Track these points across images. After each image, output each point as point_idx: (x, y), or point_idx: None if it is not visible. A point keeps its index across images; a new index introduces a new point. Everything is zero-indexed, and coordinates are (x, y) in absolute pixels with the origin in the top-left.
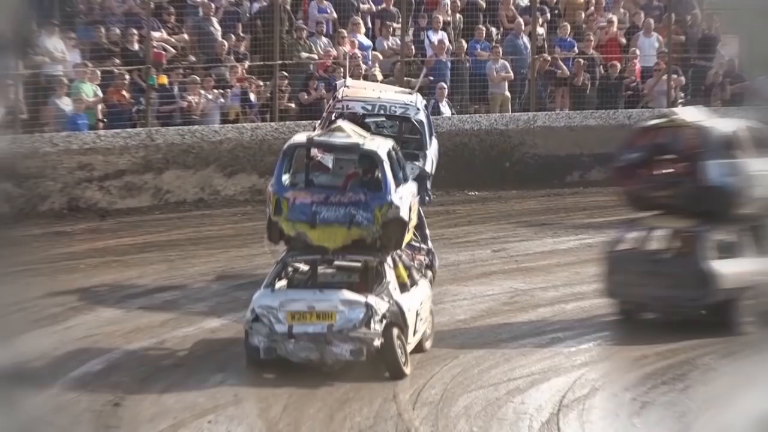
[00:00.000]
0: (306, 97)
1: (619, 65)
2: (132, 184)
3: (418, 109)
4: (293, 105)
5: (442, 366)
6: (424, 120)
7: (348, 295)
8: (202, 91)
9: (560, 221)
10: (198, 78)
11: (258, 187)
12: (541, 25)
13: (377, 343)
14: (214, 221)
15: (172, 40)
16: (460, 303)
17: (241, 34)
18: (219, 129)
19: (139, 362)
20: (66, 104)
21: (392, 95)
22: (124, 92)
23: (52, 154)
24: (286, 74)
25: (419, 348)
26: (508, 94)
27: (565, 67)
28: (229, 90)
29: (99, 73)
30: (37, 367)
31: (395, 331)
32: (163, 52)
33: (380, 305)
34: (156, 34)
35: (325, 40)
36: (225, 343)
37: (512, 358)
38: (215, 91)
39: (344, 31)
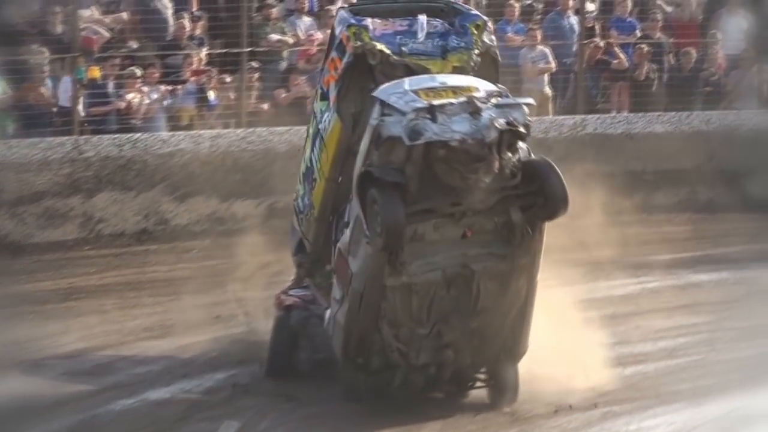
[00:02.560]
0: (283, 95)
1: (695, 53)
2: (54, 211)
3: None
4: (266, 106)
5: None
6: None
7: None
8: (146, 88)
9: (617, 259)
10: (140, 71)
11: (219, 215)
12: (593, 0)
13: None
14: (161, 259)
15: (107, 20)
16: None
17: (197, 13)
18: (168, 138)
19: None
20: None
21: None
22: (42, 89)
23: None
24: (256, 65)
25: None
26: (548, 90)
27: (623, 56)
28: (180, 86)
29: (9, 63)
30: None
31: None
32: (95, 37)
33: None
34: (85, 13)
35: (307, 20)
36: (175, 420)
37: None
38: (163, 87)
39: (333, 8)
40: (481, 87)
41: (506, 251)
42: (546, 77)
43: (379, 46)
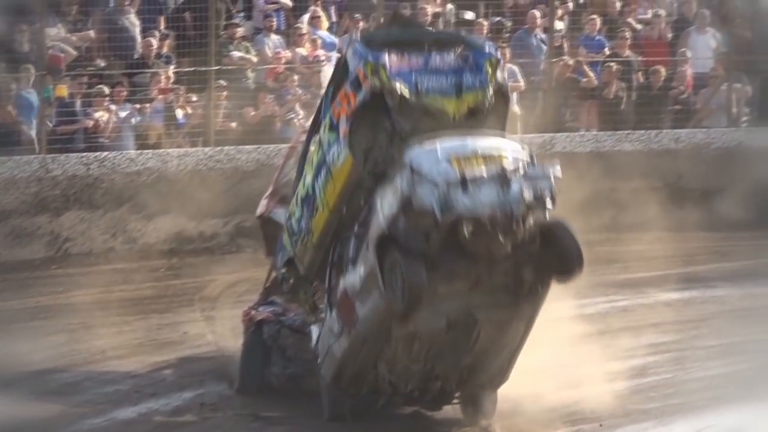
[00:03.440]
0: (252, 113)
1: (663, 71)
2: (20, 230)
3: None
4: (234, 125)
5: None
6: None
7: (500, 136)
8: (113, 106)
9: (586, 277)
10: (107, 89)
11: (187, 233)
12: (561, 18)
13: (554, 183)
14: (128, 278)
15: (74, 38)
16: None
17: (165, 31)
18: (135, 156)
19: None
20: None
21: None
22: (9, 108)
23: None
24: (224, 83)
25: None
26: (517, 108)
27: (592, 74)
28: (148, 105)
29: None
30: None
31: None
32: (62, 55)
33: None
34: (52, 31)
35: (275, 38)
36: None
37: None
38: (130, 105)
39: (303, 26)
40: (510, 153)
41: (511, 302)
42: (515, 95)
43: (398, 86)
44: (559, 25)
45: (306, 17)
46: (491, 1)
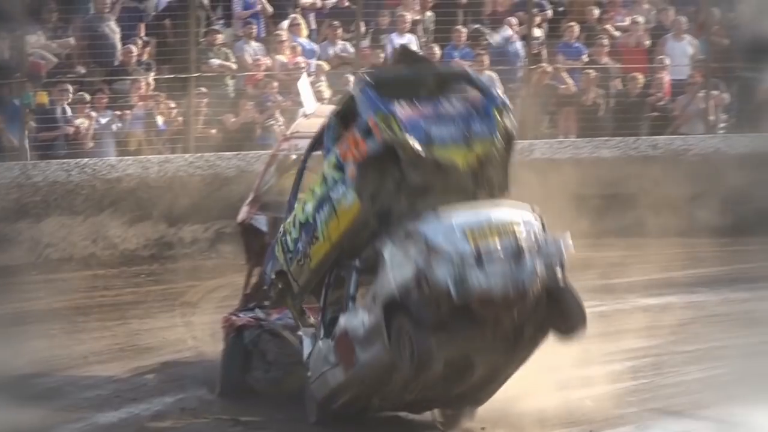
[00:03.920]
0: (232, 120)
1: (641, 78)
2: (1, 236)
3: None
4: (214, 131)
5: None
6: None
7: (512, 203)
8: (94, 113)
9: None
10: (88, 95)
11: (167, 240)
12: (539, 26)
13: (565, 255)
14: (109, 284)
15: (54, 45)
16: None
17: (145, 38)
18: (116, 163)
19: None
20: None
21: None
22: None
23: None
24: (205, 90)
25: None
26: None
27: (570, 81)
28: (129, 111)
29: None
30: None
31: None
32: (42, 62)
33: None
34: (32, 38)
35: (255, 45)
36: None
37: None
38: (111, 112)
39: (283, 33)
40: (522, 223)
41: (509, 349)
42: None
43: (410, 141)
44: (537, 32)
45: (286, 24)
46: (470, 8)
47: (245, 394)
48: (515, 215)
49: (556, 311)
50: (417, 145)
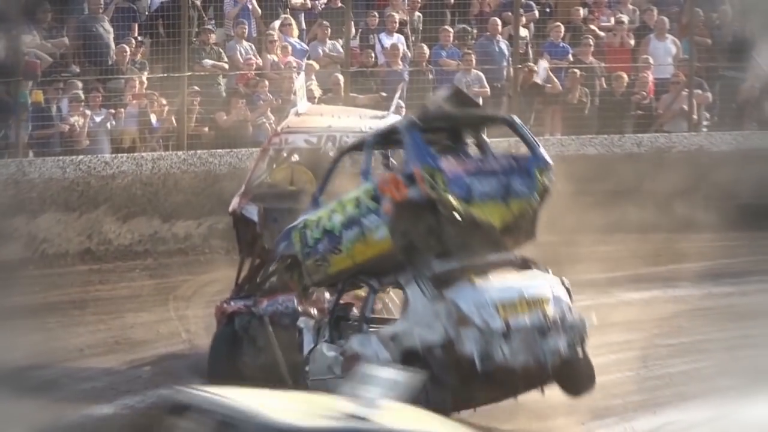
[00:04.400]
0: (225, 117)
1: (626, 77)
2: None
3: None
4: (207, 129)
5: None
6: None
7: (544, 273)
8: (89, 111)
9: None
10: (83, 94)
11: (161, 235)
12: (525, 26)
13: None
14: (104, 278)
15: (49, 45)
16: None
17: (138, 38)
18: (110, 160)
19: None
20: None
21: (350, 121)
22: None
23: None
24: (197, 89)
25: None
26: None
27: (556, 80)
28: (123, 110)
29: None
30: None
31: None
32: (38, 61)
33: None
34: (28, 38)
35: (246, 44)
36: None
37: None
38: (105, 110)
39: (274, 33)
40: (553, 298)
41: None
42: (480, 101)
43: (452, 200)
44: (523, 32)
45: (277, 24)
46: (457, 9)
47: (235, 380)
48: (546, 290)
49: (568, 376)
50: (458, 205)
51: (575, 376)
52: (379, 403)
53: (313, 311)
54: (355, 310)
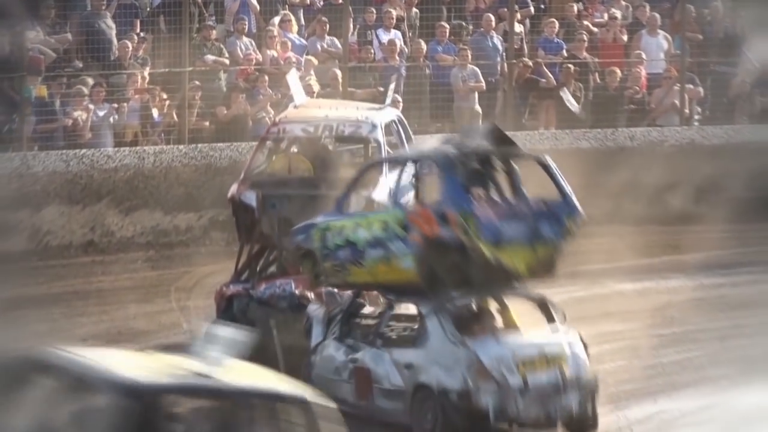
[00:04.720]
0: (225, 112)
1: (619, 72)
2: (2, 224)
3: (374, 125)
4: (207, 123)
5: None
6: (381, 139)
7: (564, 330)
8: (92, 106)
9: None
10: (86, 89)
11: (162, 227)
12: (521, 22)
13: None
14: (107, 270)
15: (52, 40)
16: None
17: (140, 34)
18: (113, 153)
19: None
20: None
21: (347, 112)
22: None
23: None
24: (198, 84)
25: None
26: (478, 108)
27: (550, 75)
28: (125, 104)
29: None
30: None
31: None
32: (41, 56)
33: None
34: (32, 34)
35: (246, 40)
36: None
37: None
38: (108, 105)
39: (273, 29)
40: (571, 356)
41: None
42: (476, 95)
43: (482, 247)
44: (518, 27)
45: (276, 20)
46: (453, 5)
47: None
48: (565, 348)
49: (574, 428)
50: (488, 252)
51: (580, 429)
52: (223, 362)
53: (311, 295)
54: (367, 306)
